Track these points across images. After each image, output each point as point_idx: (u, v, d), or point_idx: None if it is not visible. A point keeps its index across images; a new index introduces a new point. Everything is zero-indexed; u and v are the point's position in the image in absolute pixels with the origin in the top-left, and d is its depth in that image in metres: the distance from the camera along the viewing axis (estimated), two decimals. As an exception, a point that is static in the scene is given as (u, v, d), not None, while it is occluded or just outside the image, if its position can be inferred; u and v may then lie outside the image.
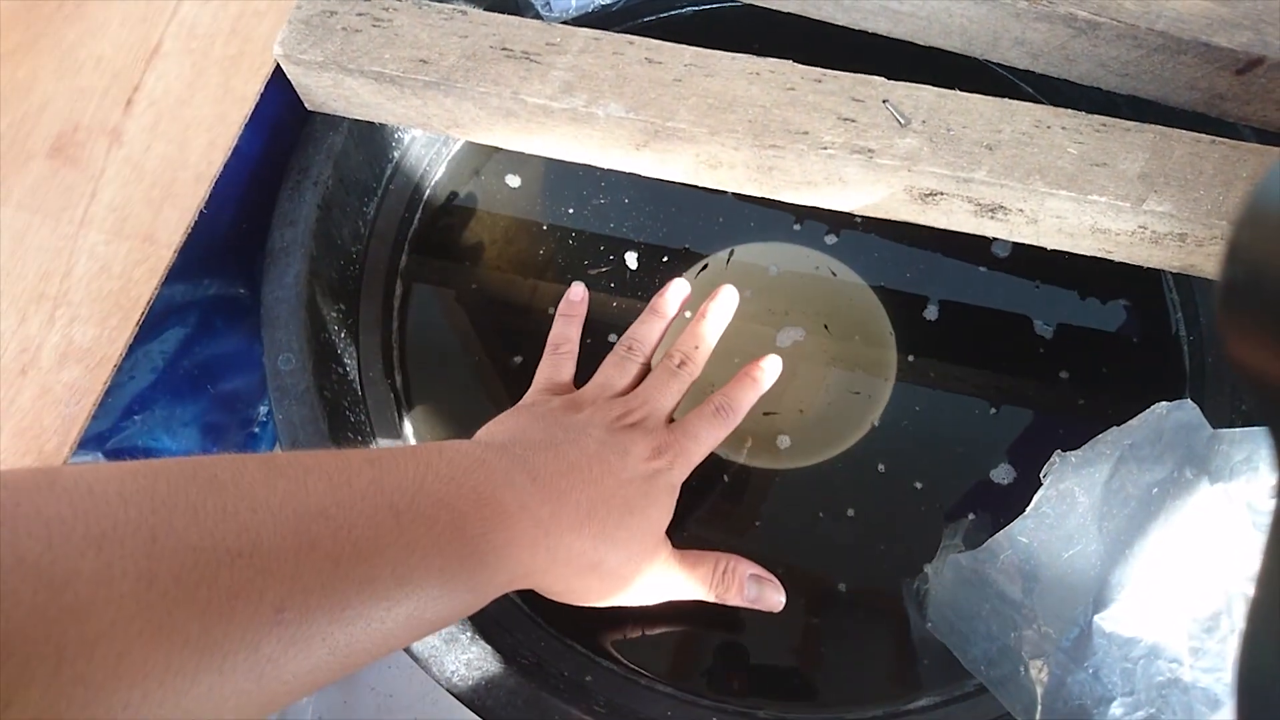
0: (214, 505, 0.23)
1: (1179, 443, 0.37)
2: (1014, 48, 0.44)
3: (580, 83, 0.40)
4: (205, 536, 0.22)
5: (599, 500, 0.34)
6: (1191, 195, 0.38)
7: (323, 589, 0.24)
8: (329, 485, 0.26)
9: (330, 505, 0.25)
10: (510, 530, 0.30)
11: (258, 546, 0.23)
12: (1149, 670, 0.35)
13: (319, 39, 0.42)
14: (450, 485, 0.29)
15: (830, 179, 0.40)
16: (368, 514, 0.26)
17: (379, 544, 0.26)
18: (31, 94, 0.43)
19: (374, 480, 0.27)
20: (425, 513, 0.27)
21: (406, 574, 0.26)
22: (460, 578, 0.28)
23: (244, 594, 0.22)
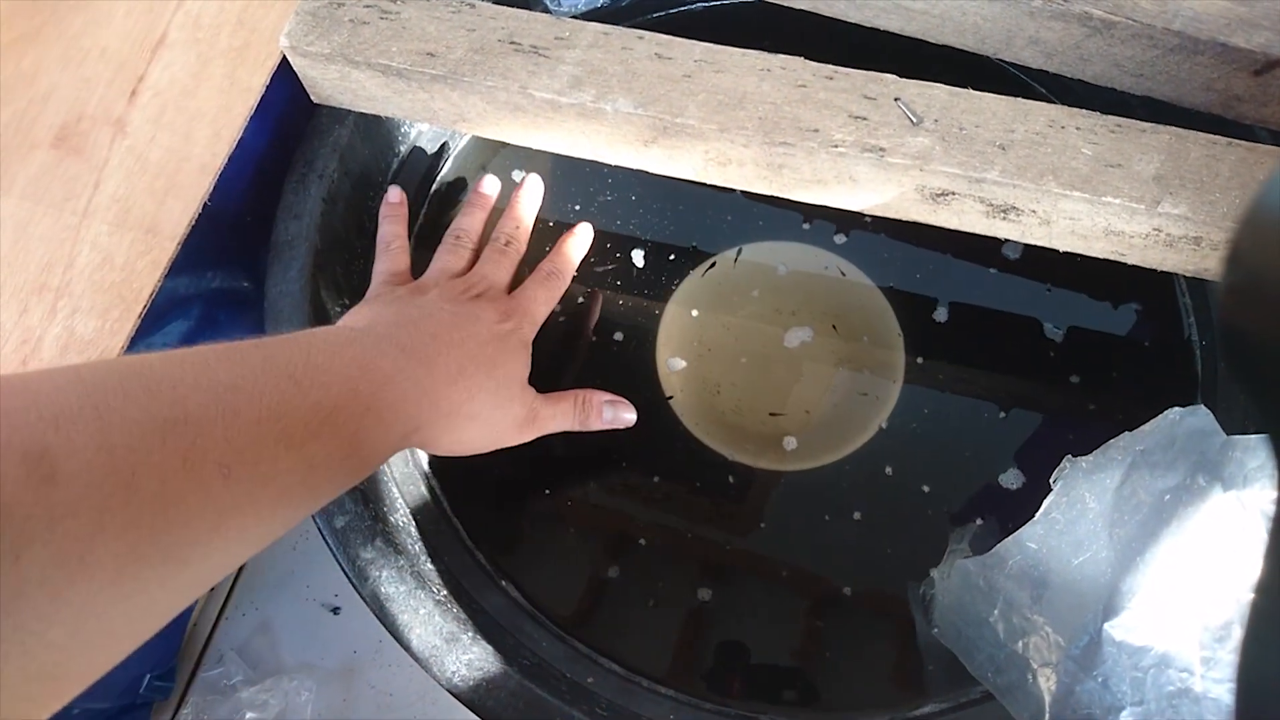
0: (139, 387, 0.25)
1: (1192, 449, 0.37)
2: (1028, 47, 0.44)
3: (589, 78, 0.40)
4: (142, 410, 0.25)
5: (465, 359, 0.38)
6: (1207, 198, 0.38)
7: (253, 449, 0.27)
8: (230, 364, 0.28)
9: (238, 379, 0.28)
10: (394, 390, 0.33)
11: (188, 415, 0.25)
12: (1159, 679, 0.35)
13: (325, 31, 0.41)
14: (333, 358, 0.32)
15: (841, 177, 0.39)
16: (271, 383, 0.29)
17: (287, 406, 0.28)
18: (36, 83, 0.43)
19: (266, 359, 0.30)
20: (319, 380, 0.30)
21: (316, 430, 0.29)
22: (360, 434, 0.31)
23: (190, 455, 0.25)
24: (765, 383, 0.47)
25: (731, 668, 0.42)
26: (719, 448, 0.45)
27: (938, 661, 0.41)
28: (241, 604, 0.59)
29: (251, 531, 0.27)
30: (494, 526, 0.45)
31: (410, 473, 0.45)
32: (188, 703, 0.56)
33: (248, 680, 0.56)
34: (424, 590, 0.39)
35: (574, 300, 0.49)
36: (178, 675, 0.57)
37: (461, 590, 0.41)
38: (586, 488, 0.45)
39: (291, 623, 0.59)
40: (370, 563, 0.39)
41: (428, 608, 0.38)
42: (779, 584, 0.43)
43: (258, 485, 0.27)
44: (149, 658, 0.54)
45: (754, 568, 0.44)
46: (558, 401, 0.43)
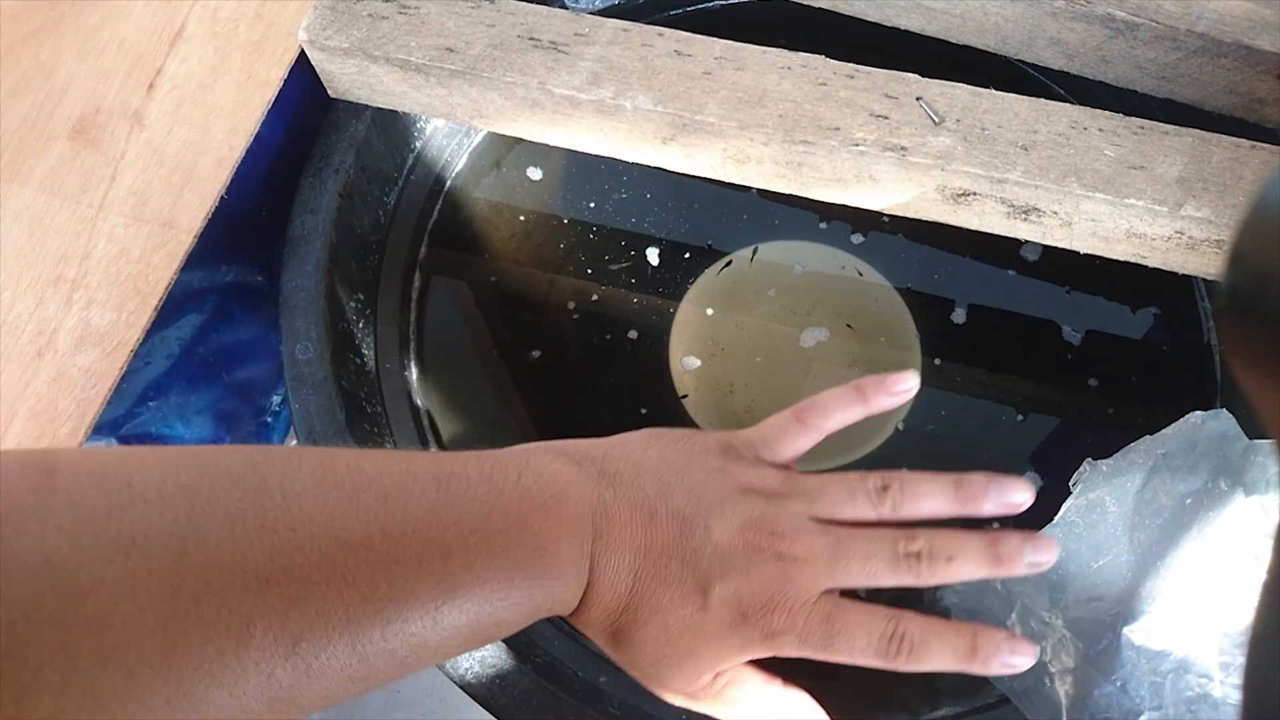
0: (254, 519, 0.22)
1: (1214, 453, 0.36)
2: (1049, 48, 0.44)
3: (608, 74, 0.40)
4: (237, 556, 0.21)
5: (643, 603, 0.28)
6: (1230, 201, 0.37)
7: (346, 624, 0.22)
8: (383, 509, 0.24)
9: (377, 535, 0.23)
10: (553, 568, 0.27)
11: (289, 574, 0.22)
12: (1178, 684, 0.35)
13: (344, 25, 0.41)
14: (514, 528, 0.26)
15: (861, 177, 0.39)
16: (415, 549, 0.24)
17: (418, 585, 0.24)
18: (54, 75, 0.43)
19: (432, 509, 0.25)
20: (477, 558, 0.25)
21: (441, 613, 0.24)
22: (498, 613, 0.26)
23: (264, 622, 0.21)
24: (780, 382, 0.47)
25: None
26: (733, 448, 0.45)
27: (953, 665, 0.40)
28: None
29: (315, 703, 0.23)
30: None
31: (423, 469, 0.45)
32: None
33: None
34: (438, 587, 0.39)
35: (589, 297, 0.48)
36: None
37: (474, 588, 0.41)
38: (600, 486, 0.45)
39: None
40: (384, 559, 0.39)
41: (441, 604, 0.38)
42: (793, 585, 0.43)
43: (335, 661, 0.22)
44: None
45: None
46: (719, 685, 0.30)
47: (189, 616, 0.20)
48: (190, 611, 0.20)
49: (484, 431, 0.47)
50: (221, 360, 0.48)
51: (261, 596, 0.21)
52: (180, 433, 0.47)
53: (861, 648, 0.29)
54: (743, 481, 0.30)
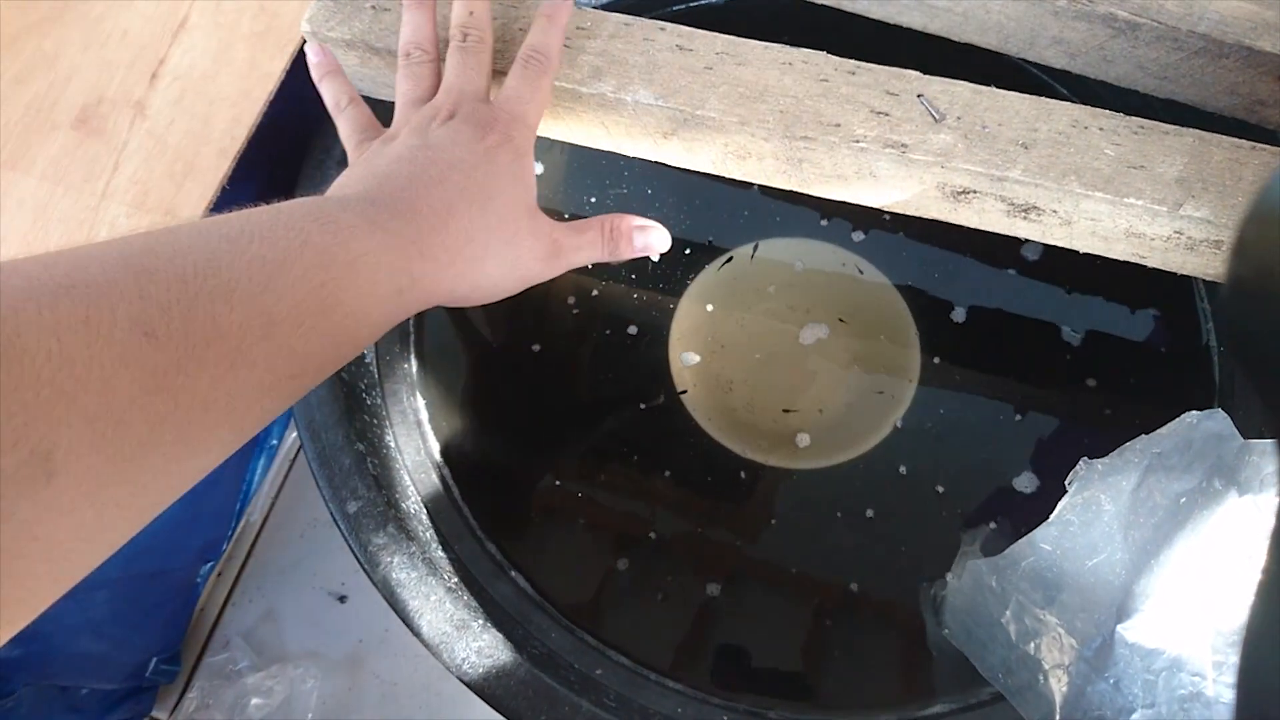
0: (37, 263, 0.23)
1: (1209, 453, 0.36)
2: (1051, 47, 0.44)
3: (609, 68, 0.40)
4: (26, 279, 0.22)
5: (452, 196, 0.33)
6: (1230, 202, 0.37)
7: (180, 306, 0.23)
8: (147, 237, 0.25)
9: (154, 244, 0.25)
10: (366, 242, 0.29)
11: (89, 280, 0.23)
12: (1171, 683, 0.35)
13: (347, 16, 0.41)
14: (279, 215, 0.28)
15: (861, 173, 0.39)
16: (198, 243, 0.25)
17: (218, 262, 0.25)
18: (57, 65, 0.43)
19: (194, 229, 0.26)
20: (259, 234, 0.26)
21: (264, 283, 0.25)
22: (331, 289, 0.27)
23: (91, 316, 0.22)
24: (779, 379, 0.47)
25: (739, 663, 0.41)
26: (731, 444, 0.45)
27: (948, 662, 0.40)
28: (248, 590, 0.59)
29: (215, 407, 0.24)
30: (504, 516, 0.44)
31: (422, 460, 0.45)
32: (193, 687, 0.56)
33: (253, 666, 0.56)
34: (435, 577, 0.39)
35: (588, 293, 0.49)
36: (183, 660, 0.57)
37: (471, 579, 0.41)
38: (597, 480, 0.45)
39: (298, 610, 0.59)
40: (382, 549, 0.39)
41: (438, 595, 0.38)
42: (788, 581, 0.43)
43: (197, 345, 0.23)
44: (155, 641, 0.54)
45: (764, 565, 0.43)
46: (582, 230, 0.38)
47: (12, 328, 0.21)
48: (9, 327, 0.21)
49: (483, 424, 0.47)
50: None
51: (63, 304, 0.22)
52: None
53: (530, 82, 0.37)
54: (385, 139, 0.37)
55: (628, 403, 0.47)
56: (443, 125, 0.35)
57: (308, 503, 0.61)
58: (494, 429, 0.47)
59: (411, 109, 0.38)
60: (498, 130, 0.35)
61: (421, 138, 0.35)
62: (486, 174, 0.34)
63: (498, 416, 0.47)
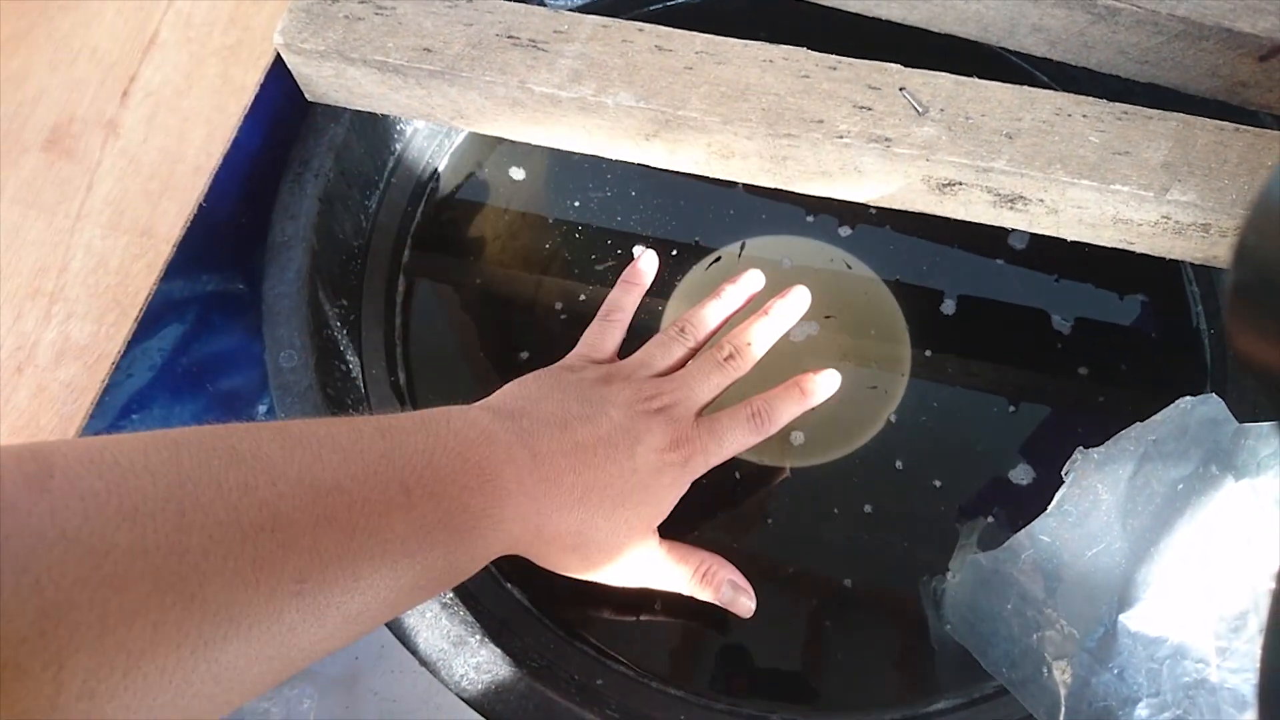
0: (236, 479, 0.24)
1: (1204, 438, 0.36)
2: (1031, 34, 0.44)
3: (589, 71, 0.39)
4: (230, 510, 0.23)
5: (595, 486, 0.34)
6: (1216, 184, 0.37)
7: (339, 561, 0.25)
8: (343, 459, 0.27)
9: (344, 479, 0.26)
10: (505, 507, 0.31)
11: (278, 520, 0.24)
12: (1175, 671, 0.35)
13: (320, 27, 0.41)
14: (457, 460, 0.30)
15: (846, 169, 0.39)
16: (380, 488, 0.27)
17: (390, 519, 0.27)
18: (26, 85, 0.42)
19: (385, 454, 0.28)
20: (433, 489, 0.28)
21: (414, 547, 0.27)
22: (460, 549, 0.29)
23: (267, 566, 0.23)
24: (770, 377, 0.46)
25: (742, 666, 0.41)
26: (725, 445, 0.45)
27: (950, 657, 0.40)
28: (241, 611, 0.59)
29: (321, 645, 0.25)
30: (498, 528, 0.44)
31: (413, 475, 0.44)
32: (189, 712, 0.56)
33: (249, 688, 0.55)
34: (430, 594, 0.38)
35: (575, 297, 0.48)
36: (178, 684, 0.56)
37: (467, 592, 0.41)
38: (591, 487, 0.45)
39: (292, 629, 0.58)
40: (375, 567, 0.38)
41: (434, 611, 0.38)
42: (787, 581, 0.43)
43: (333, 599, 0.25)
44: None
45: (761, 565, 0.43)
46: (680, 560, 0.38)
47: (200, 569, 0.22)
48: (200, 564, 0.22)
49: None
50: (205, 371, 0.47)
51: (259, 543, 0.23)
52: (165, 444, 0.46)
53: (742, 433, 0.38)
54: (600, 378, 0.38)
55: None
56: (648, 414, 0.37)
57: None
58: (484, 439, 0.46)
59: (642, 370, 0.39)
60: (684, 451, 0.37)
61: (625, 410, 0.36)
62: (640, 483, 0.35)
63: (488, 426, 0.47)
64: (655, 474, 0.36)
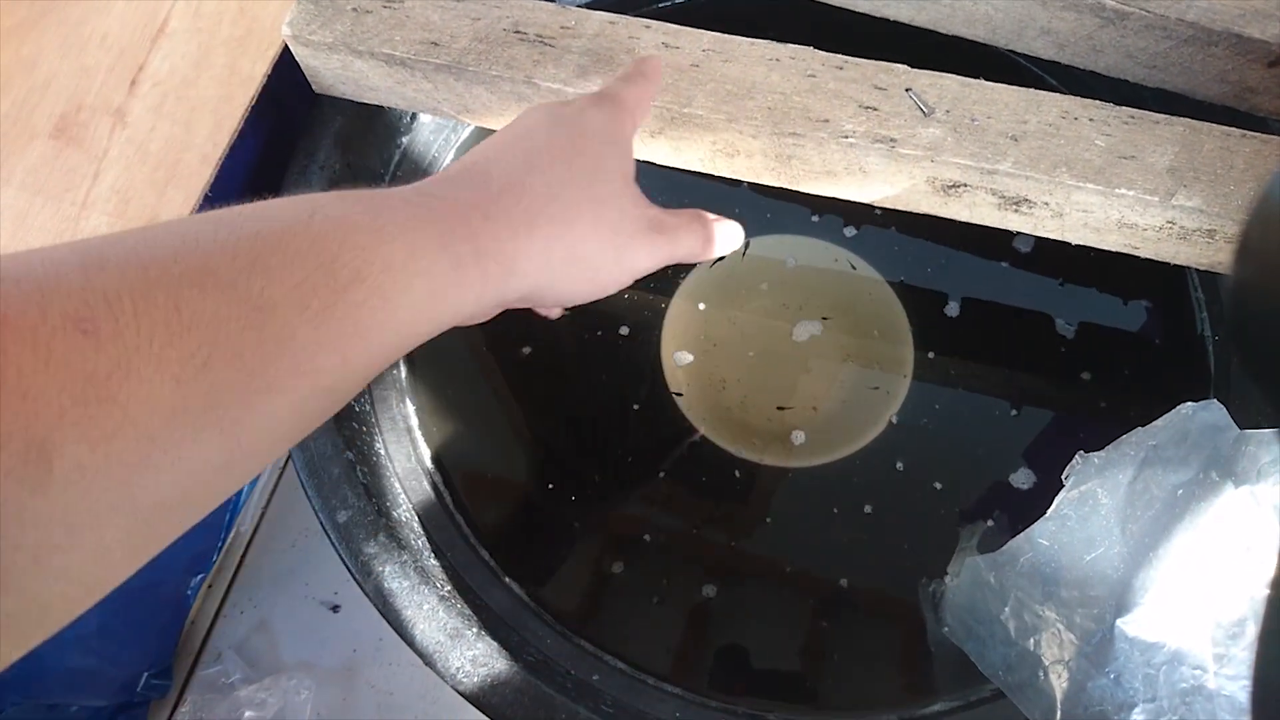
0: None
1: (1205, 444, 0.36)
2: (1039, 37, 0.43)
3: (595, 67, 0.39)
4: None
5: (531, 156, 0.28)
6: (1222, 190, 0.37)
7: (137, 291, 0.19)
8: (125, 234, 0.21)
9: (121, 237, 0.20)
10: (409, 210, 0.24)
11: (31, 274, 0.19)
12: (1172, 676, 0.34)
13: (328, 20, 0.41)
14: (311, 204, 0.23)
15: (851, 169, 0.39)
16: (180, 228, 0.21)
17: (198, 243, 0.20)
18: (35, 72, 0.42)
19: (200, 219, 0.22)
20: (268, 213, 0.22)
21: (255, 260, 0.21)
22: (363, 262, 0.22)
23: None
24: (773, 377, 0.47)
25: (738, 666, 0.41)
26: (725, 443, 0.45)
27: (948, 659, 0.40)
28: (240, 602, 0.59)
29: (186, 418, 0.19)
30: (497, 522, 0.44)
31: (413, 468, 0.44)
32: (185, 701, 0.56)
33: (246, 679, 0.55)
34: (427, 586, 0.38)
35: (578, 294, 0.48)
36: (175, 673, 0.56)
37: (465, 586, 0.41)
38: (590, 483, 0.45)
39: (290, 621, 0.58)
40: (373, 558, 0.38)
41: (431, 603, 0.38)
42: (786, 581, 0.43)
43: (154, 341, 0.18)
44: (146, 655, 0.54)
45: (761, 565, 0.43)
46: (678, 214, 0.33)
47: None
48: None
49: (474, 429, 0.46)
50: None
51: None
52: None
53: (626, 79, 0.33)
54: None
55: (620, 404, 0.46)
56: (538, 110, 0.30)
57: (298, 512, 0.61)
58: (485, 434, 0.46)
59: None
60: (586, 99, 0.31)
61: (513, 125, 0.30)
62: (574, 131, 0.29)
63: (489, 421, 0.47)
64: (580, 118, 0.30)
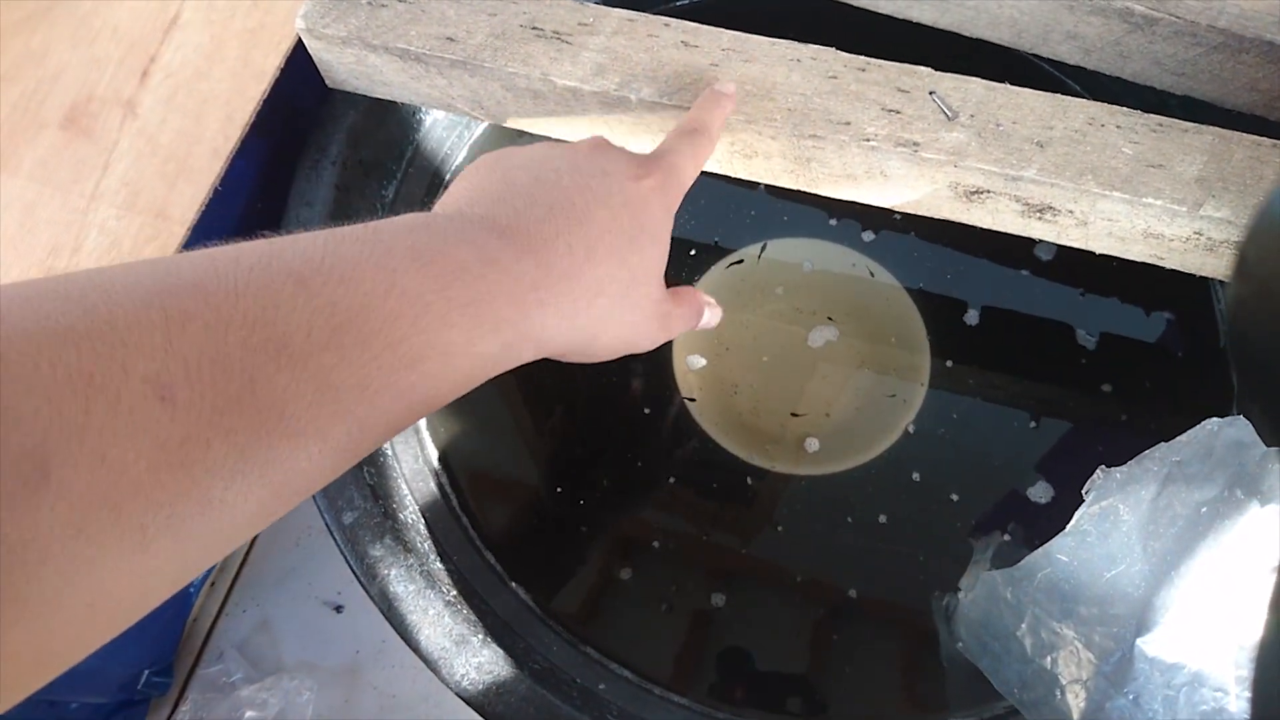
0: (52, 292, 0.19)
1: (1230, 461, 0.35)
2: (1065, 42, 0.43)
3: (613, 65, 0.39)
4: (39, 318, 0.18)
5: (595, 237, 0.28)
6: (1251, 201, 0.36)
7: (212, 364, 0.19)
8: (195, 267, 0.21)
9: (202, 278, 0.20)
10: (479, 286, 0.24)
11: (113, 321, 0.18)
12: (1192, 698, 0.34)
13: (343, 13, 0.40)
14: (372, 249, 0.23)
15: (872, 173, 0.38)
16: (257, 282, 0.20)
17: (278, 310, 0.20)
18: (45, 62, 0.42)
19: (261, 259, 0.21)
20: (339, 274, 0.22)
21: (326, 339, 0.21)
22: (418, 341, 0.22)
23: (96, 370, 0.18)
24: (786, 383, 0.46)
25: (746, 676, 0.40)
26: (736, 449, 0.44)
27: (960, 675, 0.39)
28: (242, 600, 0.58)
29: (243, 481, 0.19)
30: (505, 526, 0.43)
31: (420, 469, 0.44)
32: (186, 700, 0.55)
33: (247, 678, 0.55)
34: (433, 590, 0.38)
35: (591, 295, 0.47)
36: (176, 671, 0.56)
37: (471, 591, 0.40)
38: (599, 487, 0.44)
39: (293, 621, 0.57)
40: (379, 560, 0.38)
41: (437, 608, 0.37)
42: (796, 591, 0.42)
43: (226, 413, 0.19)
44: (147, 653, 0.53)
45: (771, 574, 0.42)
46: (679, 301, 0.33)
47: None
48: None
49: (483, 430, 0.46)
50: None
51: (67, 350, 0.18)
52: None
53: (687, 146, 0.33)
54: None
55: (631, 407, 0.46)
56: (599, 149, 0.30)
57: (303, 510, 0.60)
58: (494, 435, 0.46)
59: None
60: (657, 174, 0.31)
61: (575, 157, 0.30)
62: (635, 220, 0.29)
63: (497, 422, 0.46)
64: (645, 206, 0.30)
